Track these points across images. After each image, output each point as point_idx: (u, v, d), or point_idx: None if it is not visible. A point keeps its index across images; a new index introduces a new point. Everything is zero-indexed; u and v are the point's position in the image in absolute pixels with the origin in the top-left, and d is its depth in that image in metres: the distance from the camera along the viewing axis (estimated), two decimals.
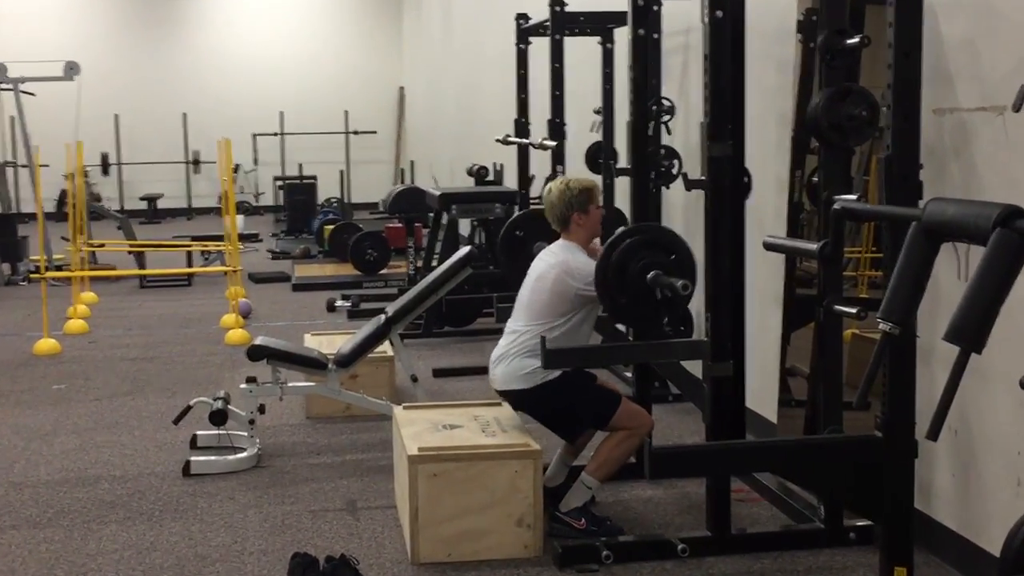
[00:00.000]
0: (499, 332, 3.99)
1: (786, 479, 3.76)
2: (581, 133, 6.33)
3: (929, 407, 2.16)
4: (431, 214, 7.55)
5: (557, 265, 3.72)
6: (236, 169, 15.75)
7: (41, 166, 7.80)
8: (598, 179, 5.76)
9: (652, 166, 4.64)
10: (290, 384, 4.74)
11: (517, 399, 3.80)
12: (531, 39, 6.41)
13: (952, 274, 3.10)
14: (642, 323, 3.41)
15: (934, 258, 2.35)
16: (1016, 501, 3.06)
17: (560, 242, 3.83)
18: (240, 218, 11.39)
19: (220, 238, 9.53)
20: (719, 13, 3.22)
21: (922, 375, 3.22)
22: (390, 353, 5.33)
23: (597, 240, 3.88)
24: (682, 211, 5.54)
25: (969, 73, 3.21)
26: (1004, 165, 3.08)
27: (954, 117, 3.27)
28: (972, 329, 2.04)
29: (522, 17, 6.39)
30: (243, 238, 10.97)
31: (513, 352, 3.76)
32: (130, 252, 10.02)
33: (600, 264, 3.40)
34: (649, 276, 3.31)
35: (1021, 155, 3.01)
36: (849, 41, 3.25)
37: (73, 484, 4.38)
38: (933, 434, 2.12)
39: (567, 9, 5.56)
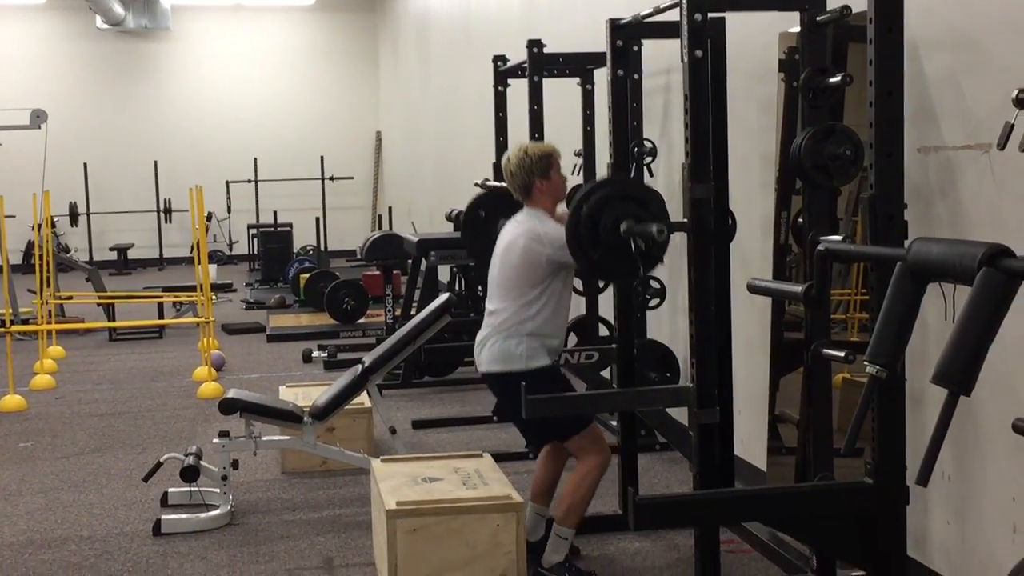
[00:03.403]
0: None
1: (776, 528, 3.67)
2: None
3: (921, 452, 2.11)
4: (409, 261, 7.47)
5: (524, 233, 3.61)
6: (209, 217, 15.66)
7: (7, 216, 7.65)
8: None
9: None
10: (264, 438, 4.65)
11: (502, 382, 3.66)
12: (509, 81, 6.38)
13: (940, 314, 3.04)
14: (619, 278, 3.32)
15: (920, 299, 2.31)
16: (1012, 547, 3.00)
17: (524, 210, 3.72)
18: (213, 267, 11.26)
19: (192, 288, 9.41)
20: (699, 52, 3.18)
21: (913, 419, 3.16)
22: (368, 404, 5.23)
23: (562, 205, 3.77)
24: (666, 254, 5.47)
25: (953, 111, 3.18)
26: (990, 203, 3.05)
27: (939, 156, 3.24)
28: (960, 371, 2.01)
29: (500, 59, 6.37)
30: (216, 288, 10.83)
31: (496, 333, 3.65)
32: (99, 304, 9.86)
33: (571, 220, 3.32)
34: (623, 227, 3.24)
35: (1007, 193, 2.98)
36: (831, 80, 3.21)
37: (39, 546, 4.25)
38: (923, 479, 2.08)
39: (545, 50, 5.53)
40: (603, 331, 5.95)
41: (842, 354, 3.13)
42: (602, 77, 4.94)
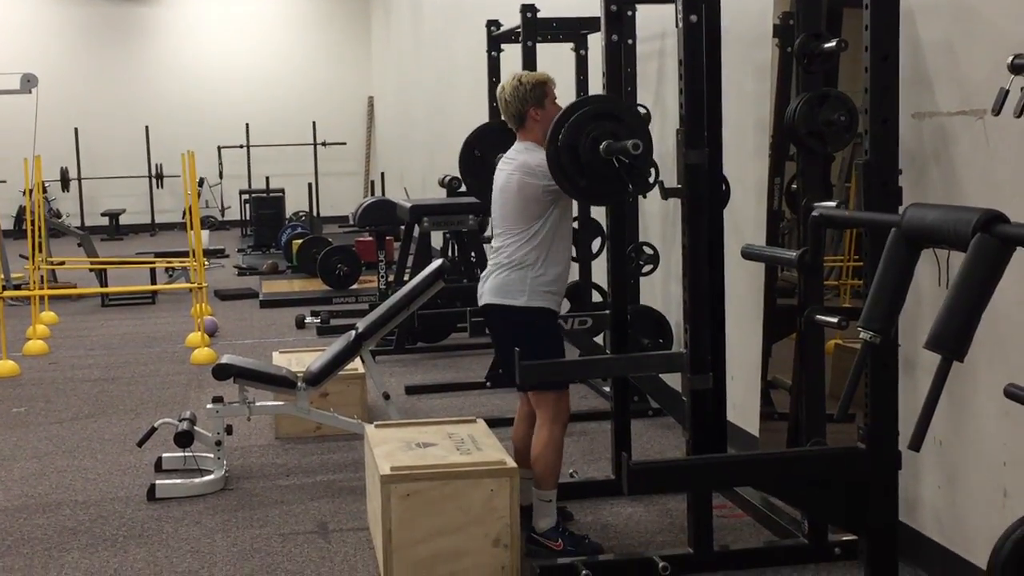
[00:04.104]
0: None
1: (768, 494, 3.69)
2: None
3: (913, 417, 2.12)
4: (402, 227, 7.45)
5: (517, 169, 3.59)
6: (201, 183, 15.60)
7: None
8: None
9: None
10: (258, 403, 4.65)
11: (500, 314, 3.67)
12: (503, 46, 6.32)
13: (934, 280, 3.05)
14: (610, 199, 3.32)
15: (914, 265, 2.32)
16: (1002, 512, 3.02)
17: (516, 145, 3.70)
18: (205, 233, 11.24)
19: (185, 254, 9.38)
20: (694, 17, 3.17)
21: (905, 385, 3.17)
22: (361, 370, 5.23)
23: None
24: (660, 220, 5.48)
25: (948, 76, 3.17)
26: (984, 169, 3.04)
27: (933, 121, 3.23)
28: (953, 337, 2.02)
29: (493, 24, 6.31)
30: (208, 254, 10.82)
31: (499, 267, 3.65)
32: (91, 270, 9.84)
33: (550, 149, 3.29)
34: (602, 148, 3.22)
35: (1001, 159, 2.97)
36: (826, 45, 3.20)
37: (33, 510, 4.25)
38: (916, 444, 2.09)
39: (539, 15, 5.48)
40: (596, 297, 5.95)
41: (835, 320, 3.15)
42: (596, 42, 4.91)
